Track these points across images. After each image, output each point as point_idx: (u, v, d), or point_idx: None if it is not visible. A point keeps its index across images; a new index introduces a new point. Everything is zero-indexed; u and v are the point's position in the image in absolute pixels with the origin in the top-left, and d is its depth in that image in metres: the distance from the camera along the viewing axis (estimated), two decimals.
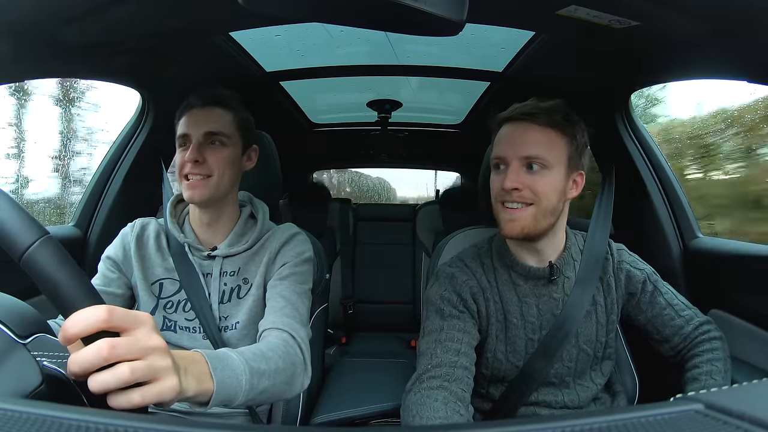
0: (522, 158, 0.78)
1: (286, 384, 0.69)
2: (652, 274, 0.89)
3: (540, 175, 0.77)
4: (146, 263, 0.90)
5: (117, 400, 0.39)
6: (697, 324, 0.86)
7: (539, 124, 0.78)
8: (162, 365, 0.42)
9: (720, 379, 0.79)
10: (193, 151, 0.85)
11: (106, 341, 0.38)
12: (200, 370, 0.52)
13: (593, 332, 0.85)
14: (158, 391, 0.41)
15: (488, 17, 0.93)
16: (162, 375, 0.42)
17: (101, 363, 0.38)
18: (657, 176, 1.17)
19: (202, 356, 0.54)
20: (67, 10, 0.73)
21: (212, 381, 0.53)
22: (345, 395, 1.07)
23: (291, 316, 0.80)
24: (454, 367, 0.75)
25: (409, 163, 2.97)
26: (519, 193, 0.77)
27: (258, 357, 0.64)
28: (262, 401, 0.67)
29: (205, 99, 0.88)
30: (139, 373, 0.39)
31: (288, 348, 0.73)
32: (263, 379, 0.62)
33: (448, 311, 0.82)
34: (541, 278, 0.84)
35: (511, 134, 0.80)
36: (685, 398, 0.32)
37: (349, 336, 2.09)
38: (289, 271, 0.86)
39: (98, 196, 1.25)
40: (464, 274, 0.86)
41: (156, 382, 0.41)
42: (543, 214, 0.78)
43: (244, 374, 0.59)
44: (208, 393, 0.52)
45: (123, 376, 0.38)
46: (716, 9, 0.69)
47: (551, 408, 0.85)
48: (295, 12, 0.67)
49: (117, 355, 0.38)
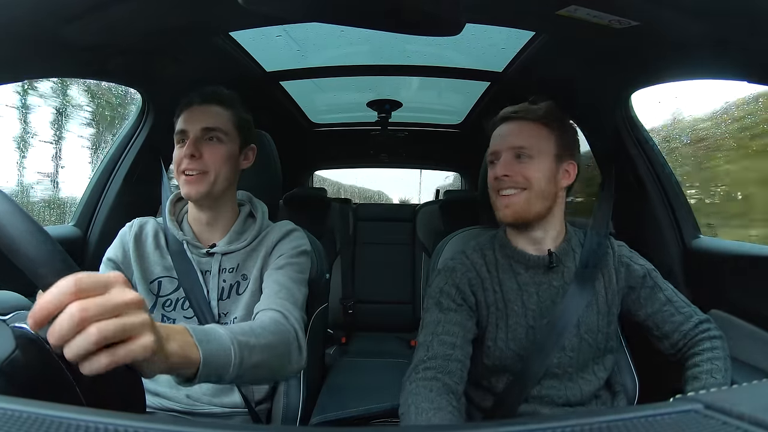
0: (510, 149, 0.86)
1: (279, 361, 0.68)
2: (652, 270, 0.91)
3: (527, 163, 0.85)
4: (145, 262, 0.90)
5: (88, 364, 0.37)
6: (697, 322, 0.86)
7: (528, 120, 0.87)
8: (135, 321, 0.40)
9: (720, 377, 0.80)
10: (189, 146, 0.85)
11: (75, 304, 0.36)
12: (183, 338, 0.51)
13: (594, 322, 0.87)
14: (130, 349, 0.39)
15: (488, 17, 0.93)
16: (136, 333, 0.40)
17: (76, 328, 0.36)
18: (657, 176, 1.17)
19: (185, 329, 0.52)
20: (67, 8, 0.73)
21: (198, 350, 0.51)
22: (345, 395, 1.07)
23: (285, 298, 0.79)
24: (449, 360, 0.78)
25: (409, 163, 2.97)
26: (511, 179, 0.84)
27: (246, 332, 0.63)
28: (257, 379, 0.65)
29: (205, 96, 0.89)
30: (108, 331, 0.37)
31: (279, 326, 0.72)
32: (254, 353, 0.61)
33: (447, 304, 0.86)
34: (541, 266, 0.87)
35: (503, 131, 0.89)
36: (684, 398, 0.32)
37: (349, 336, 2.09)
38: (286, 261, 0.87)
39: (98, 196, 1.25)
40: (463, 266, 0.89)
41: (130, 341, 0.39)
42: (536, 197, 0.85)
43: (232, 347, 0.57)
44: (194, 363, 0.51)
45: (91, 337, 0.36)
46: (716, 9, 0.69)
47: (554, 404, 0.85)
48: (295, 12, 0.67)
49: (89, 317, 0.37)
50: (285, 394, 0.93)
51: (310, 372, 0.97)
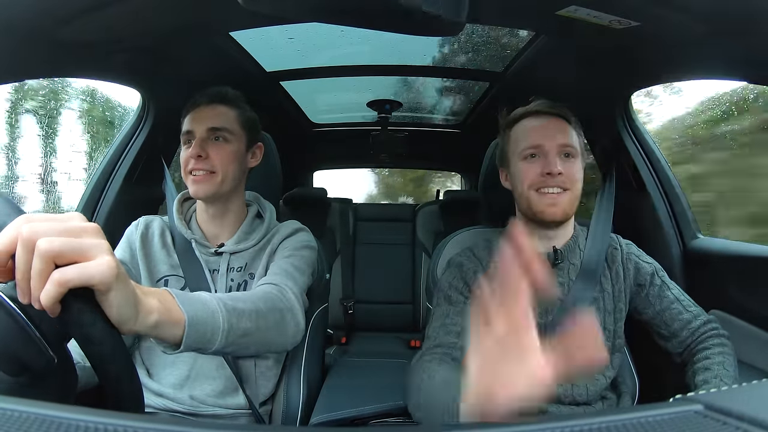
0: (559, 146, 0.83)
1: (273, 329, 0.66)
2: (659, 269, 0.91)
3: (572, 163, 0.83)
4: (151, 260, 0.90)
5: (44, 292, 0.35)
6: (705, 320, 0.87)
7: (561, 118, 0.85)
8: (92, 242, 0.38)
9: (732, 371, 0.79)
10: (196, 146, 0.86)
11: (26, 225, 0.35)
12: (165, 297, 0.49)
13: (601, 319, 0.87)
14: (85, 267, 0.36)
15: (488, 17, 0.93)
16: (93, 253, 0.37)
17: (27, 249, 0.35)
18: (657, 176, 1.17)
19: (166, 290, 0.51)
20: (65, 8, 0.72)
21: (182, 312, 0.50)
22: (345, 395, 1.07)
23: (283, 276, 0.80)
24: (454, 348, 0.78)
25: (409, 164, 2.97)
26: (561, 178, 0.81)
27: (234, 298, 0.62)
28: (249, 347, 0.63)
29: (211, 97, 0.89)
30: (57, 243, 0.35)
31: (270, 295, 0.71)
32: (243, 319, 0.60)
33: (455, 297, 0.85)
34: (546, 263, 0.87)
35: (543, 125, 0.85)
36: (685, 398, 0.32)
37: (349, 336, 2.09)
38: (290, 253, 0.88)
39: (98, 196, 1.24)
40: (471, 262, 0.89)
41: (86, 261, 0.37)
42: (576, 198, 0.84)
43: (219, 311, 0.56)
44: (178, 324, 0.49)
45: (41, 248, 0.35)
46: (716, 9, 0.69)
47: (560, 403, 0.85)
48: (295, 12, 0.67)
49: (39, 232, 0.35)
50: (285, 394, 0.93)
51: (310, 372, 0.97)
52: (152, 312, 0.45)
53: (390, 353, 1.80)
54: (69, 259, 0.36)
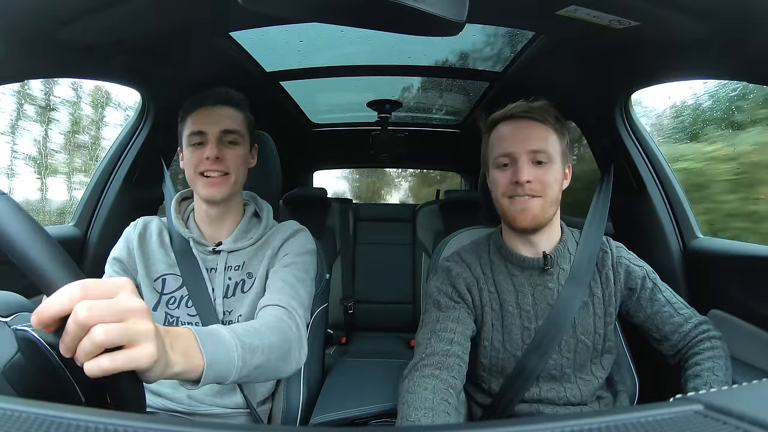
0: (529, 152, 0.82)
1: (281, 360, 0.68)
2: (651, 271, 0.91)
3: (545, 168, 0.82)
4: (149, 260, 0.91)
5: (89, 365, 0.37)
6: (696, 323, 0.86)
7: (537, 121, 0.83)
8: (140, 329, 0.40)
9: (722, 375, 0.79)
10: (213, 148, 0.86)
11: (83, 303, 0.37)
12: (188, 344, 0.51)
13: (591, 323, 0.87)
14: (132, 357, 0.39)
15: (488, 17, 0.93)
16: (140, 340, 0.40)
17: (82, 326, 0.36)
18: (657, 176, 1.17)
19: (190, 331, 0.53)
20: (66, 10, 0.73)
21: (202, 356, 0.51)
22: (345, 395, 1.07)
23: (289, 295, 0.80)
24: (446, 355, 0.78)
25: (409, 164, 2.97)
26: (530, 186, 0.81)
27: (250, 332, 0.63)
28: (257, 378, 0.66)
29: (217, 98, 0.90)
30: (113, 335, 0.37)
31: (282, 324, 0.72)
32: (257, 355, 0.61)
33: (445, 302, 0.86)
34: (536, 268, 0.87)
35: (514, 131, 0.84)
36: (684, 398, 0.32)
37: (349, 336, 2.09)
38: (291, 260, 0.88)
39: (98, 195, 1.25)
40: (459, 266, 0.90)
41: (132, 347, 0.39)
42: (549, 204, 0.83)
43: (235, 350, 0.57)
44: (198, 369, 0.51)
45: (96, 338, 0.36)
46: (716, 9, 0.69)
47: (554, 404, 0.85)
48: (295, 12, 0.67)
49: (95, 316, 0.37)
50: (285, 394, 0.93)
51: (310, 372, 0.97)
52: (175, 365, 0.47)
53: (390, 353, 1.80)
54: (119, 344, 0.38)
